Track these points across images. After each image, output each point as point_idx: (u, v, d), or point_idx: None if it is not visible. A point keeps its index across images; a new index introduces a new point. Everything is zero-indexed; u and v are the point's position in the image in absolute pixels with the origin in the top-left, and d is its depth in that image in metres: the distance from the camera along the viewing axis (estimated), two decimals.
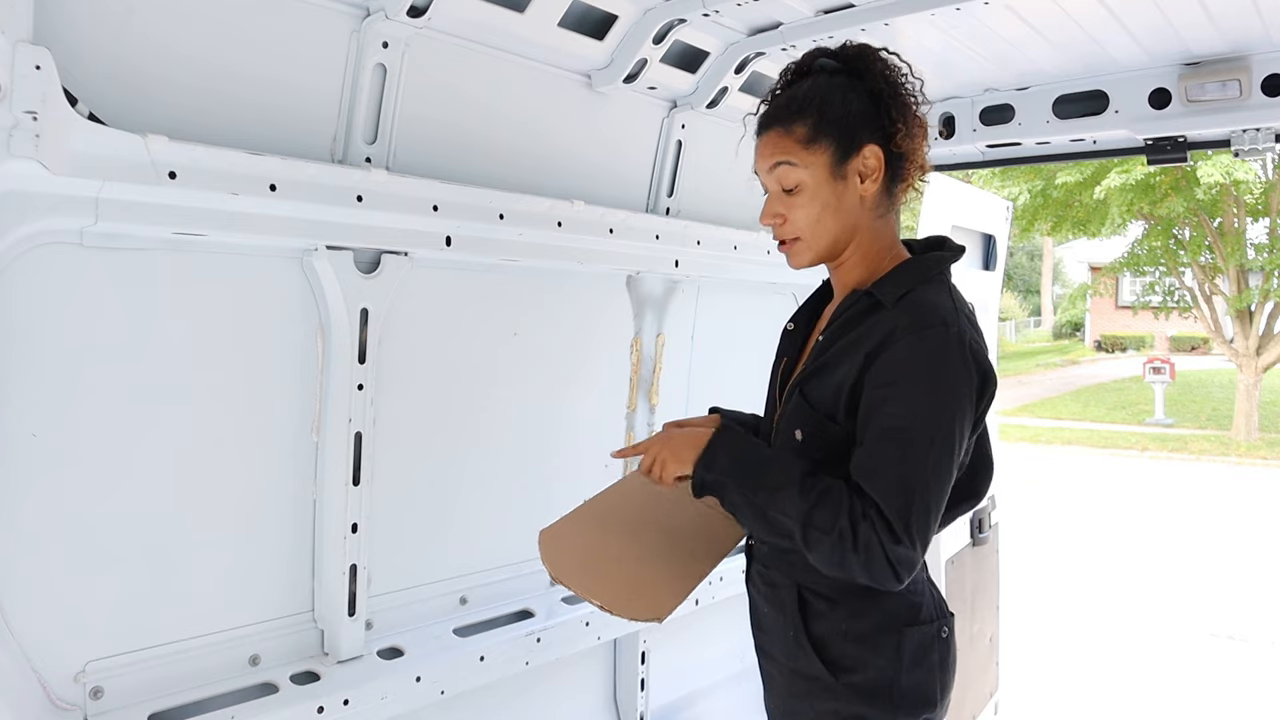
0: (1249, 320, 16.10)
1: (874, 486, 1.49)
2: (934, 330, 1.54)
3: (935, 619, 1.69)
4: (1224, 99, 2.56)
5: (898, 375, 1.53)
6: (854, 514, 1.47)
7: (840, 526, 1.47)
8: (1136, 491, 12.13)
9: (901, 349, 1.54)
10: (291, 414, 1.97)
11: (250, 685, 1.90)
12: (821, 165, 1.62)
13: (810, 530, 1.49)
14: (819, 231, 1.66)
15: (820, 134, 1.61)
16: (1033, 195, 15.98)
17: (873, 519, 1.47)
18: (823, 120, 1.61)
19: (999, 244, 3.90)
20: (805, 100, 1.63)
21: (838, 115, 1.62)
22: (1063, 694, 5.43)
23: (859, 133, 1.63)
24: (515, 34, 2.16)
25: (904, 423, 1.51)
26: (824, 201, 1.64)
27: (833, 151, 1.62)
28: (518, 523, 2.46)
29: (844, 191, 1.64)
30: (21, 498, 1.59)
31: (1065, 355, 31.36)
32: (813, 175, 1.63)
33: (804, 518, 1.49)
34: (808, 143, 1.62)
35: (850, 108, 1.63)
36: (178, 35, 1.69)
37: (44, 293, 1.59)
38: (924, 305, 1.59)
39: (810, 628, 1.68)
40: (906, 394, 1.52)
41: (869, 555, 1.46)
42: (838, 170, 1.63)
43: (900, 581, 1.48)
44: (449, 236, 2.12)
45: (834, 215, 1.65)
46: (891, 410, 1.52)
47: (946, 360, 1.54)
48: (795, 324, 1.89)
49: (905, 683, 1.64)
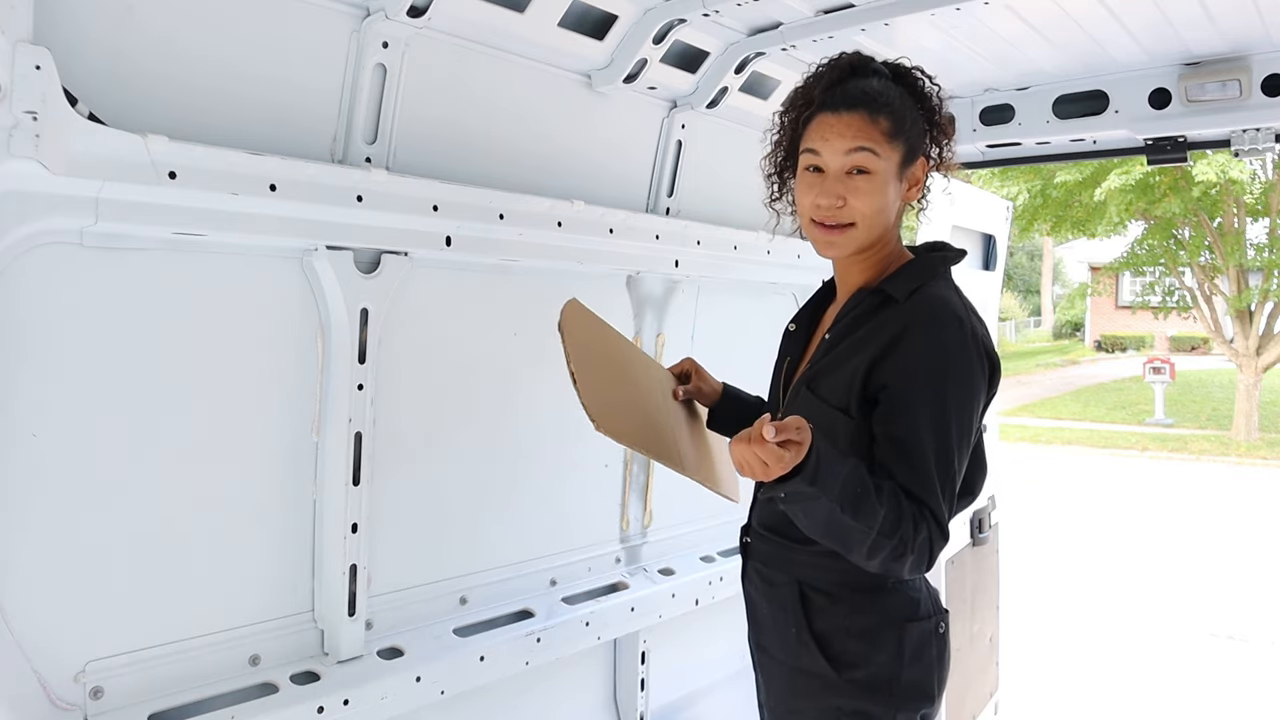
0: (1249, 320, 16.10)
1: (916, 482, 1.52)
2: (951, 327, 1.59)
3: (933, 614, 1.72)
4: (1224, 99, 2.56)
5: (922, 371, 1.57)
6: (915, 517, 1.50)
7: (903, 532, 1.48)
8: (1136, 491, 12.13)
9: (922, 346, 1.58)
10: (291, 414, 1.97)
11: (250, 685, 1.90)
12: (895, 162, 1.67)
13: (880, 539, 1.46)
14: (875, 223, 1.68)
15: (899, 133, 1.66)
16: (1032, 195, 15.99)
17: (927, 519, 1.51)
18: (902, 121, 1.67)
19: (999, 244, 3.90)
20: (886, 97, 1.67)
21: (911, 121, 1.69)
22: (1063, 694, 5.43)
23: (919, 144, 1.71)
24: (515, 34, 2.16)
25: (933, 419, 1.55)
26: (887, 196, 1.68)
27: (903, 153, 1.68)
28: (518, 523, 2.46)
29: (897, 193, 1.70)
30: (22, 498, 1.59)
31: (1065, 355, 31.36)
32: (886, 169, 1.66)
33: (878, 527, 1.45)
34: (890, 137, 1.65)
35: (916, 119, 1.70)
36: (178, 35, 1.69)
37: (44, 293, 1.59)
38: (936, 301, 1.63)
39: (813, 624, 1.69)
40: (933, 391, 1.56)
41: (920, 554, 1.50)
42: (902, 172, 1.69)
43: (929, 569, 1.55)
44: (449, 236, 2.12)
45: (886, 212, 1.69)
46: (922, 408, 1.55)
47: (966, 355, 1.59)
48: (797, 324, 1.90)
49: (906, 678, 1.66)
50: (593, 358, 1.77)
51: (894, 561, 1.50)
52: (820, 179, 1.67)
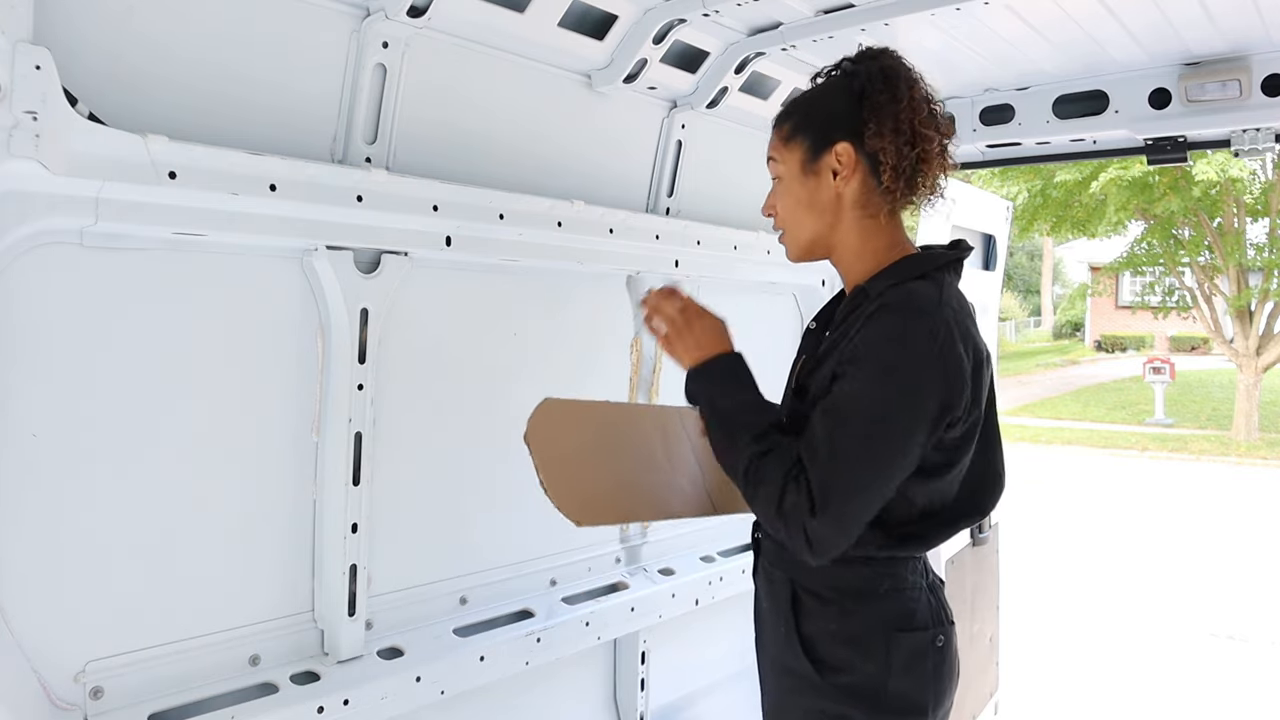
0: (1249, 320, 16.10)
1: (807, 456, 1.52)
2: (902, 315, 1.55)
3: (931, 626, 1.66)
4: (1224, 99, 2.56)
5: (856, 354, 1.55)
6: (789, 476, 1.52)
7: (774, 482, 1.53)
8: (1136, 491, 12.13)
9: (868, 330, 1.56)
10: (291, 414, 1.97)
11: (250, 685, 1.90)
12: (795, 162, 1.71)
13: (750, 476, 1.57)
14: (795, 225, 1.75)
15: (797, 132, 1.71)
16: (1031, 195, 15.99)
17: (802, 486, 1.50)
18: (804, 119, 1.71)
19: (999, 244, 3.90)
20: (797, 100, 1.77)
21: (818, 113, 1.70)
22: (1063, 694, 5.43)
23: (833, 131, 1.67)
24: (515, 34, 2.16)
25: (848, 400, 1.53)
26: (796, 196, 1.72)
27: (805, 149, 1.69)
28: (518, 523, 2.46)
29: (816, 188, 1.70)
30: (22, 498, 1.59)
31: (1065, 355, 31.36)
32: (788, 170, 1.73)
33: (750, 461, 1.57)
34: (787, 140, 1.72)
35: (833, 107, 1.68)
36: (178, 35, 1.69)
37: (44, 293, 1.59)
38: (903, 297, 1.58)
39: (800, 625, 1.68)
40: (860, 373, 1.53)
41: (790, 521, 1.51)
42: (809, 167, 1.70)
43: (814, 558, 1.52)
44: (449, 236, 2.12)
45: (807, 210, 1.72)
46: (843, 386, 1.54)
47: (908, 345, 1.51)
48: (817, 323, 1.89)
49: (893, 688, 1.62)
50: (567, 456, 1.86)
51: (769, 519, 1.57)
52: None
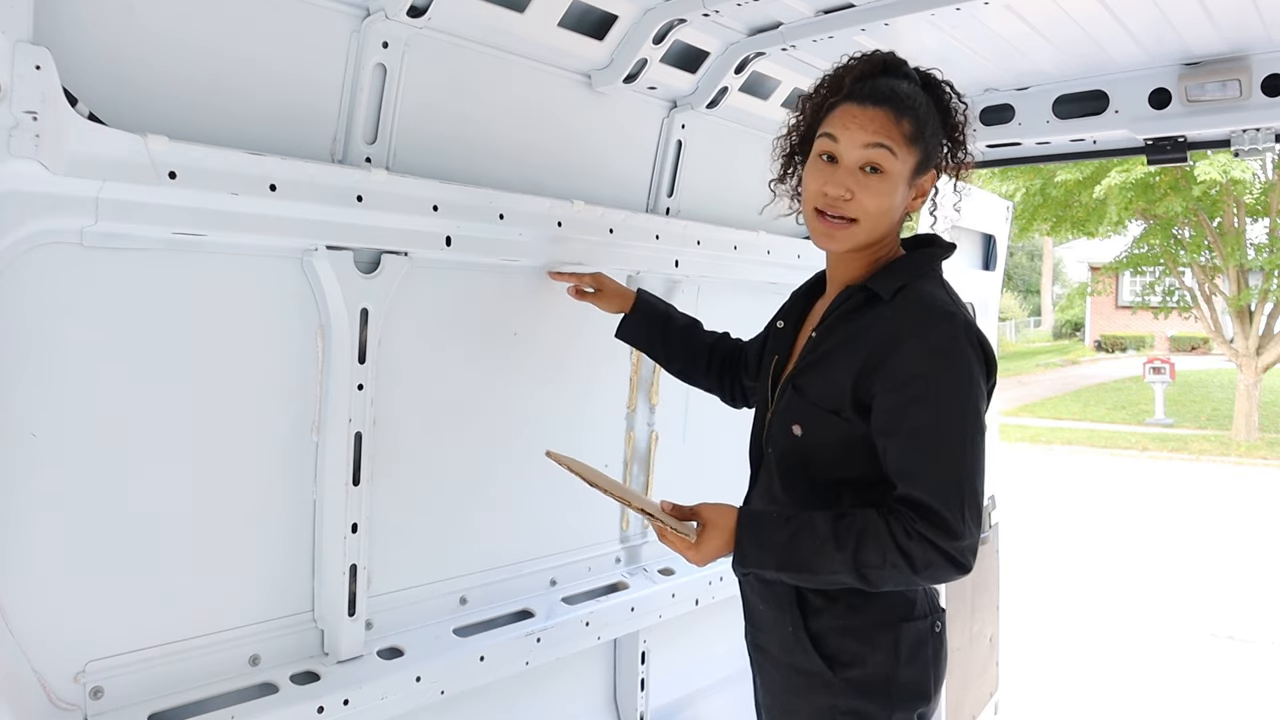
0: (1249, 320, 16.10)
1: (922, 488, 1.52)
2: (943, 324, 1.59)
3: (929, 614, 1.72)
4: (1224, 99, 2.56)
5: (917, 373, 1.56)
6: (898, 539, 1.51)
7: (890, 558, 1.51)
8: (1137, 491, 12.13)
9: (916, 346, 1.57)
10: (291, 414, 1.97)
11: (250, 685, 1.90)
12: (909, 166, 1.67)
13: (866, 572, 1.53)
14: (878, 224, 1.68)
15: (917, 139, 1.66)
16: (1030, 194, 15.98)
17: (922, 532, 1.50)
18: (923, 128, 1.67)
19: (999, 244, 3.90)
20: (912, 100, 1.66)
21: (931, 131, 1.69)
22: (1063, 694, 5.43)
23: (935, 154, 1.71)
24: (515, 34, 2.16)
25: (936, 419, 1.54)
26: (895, 199, 1.67)
27: (918, 159, 1.68)
28: (518, 523, 2.46)
29: (905, 198, 1.70)
30: (22, 498, 1.59)
31: (1065, 355, 31.36)
32: (900, 171, 1.66)
33: (854, 567, 1.53)
34: (909, 141, 1.65)
35: (937, 130, 1.71)
36: (178, 35, 1.69)
37: (44, 293, 1.59)
38: (925, 299, 1.63)
39: (809, 624, 1.69)
40: (931, 390, 1.55)
41: (931, 568, 1.52)
42: (913, 179, 1.69)
43: (970, 569, 1.54)
44: (449, 236, 2.12)
45: (891, 215, 1.69)
46: (921, 410, 1.55)
47: (959, 350, 1.57)
48: (785, 321, 1.89)
49: (902, 677, 1.66)
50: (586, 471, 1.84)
51: (908, 582, 1.56)
52: (832, 169, 1.66)
